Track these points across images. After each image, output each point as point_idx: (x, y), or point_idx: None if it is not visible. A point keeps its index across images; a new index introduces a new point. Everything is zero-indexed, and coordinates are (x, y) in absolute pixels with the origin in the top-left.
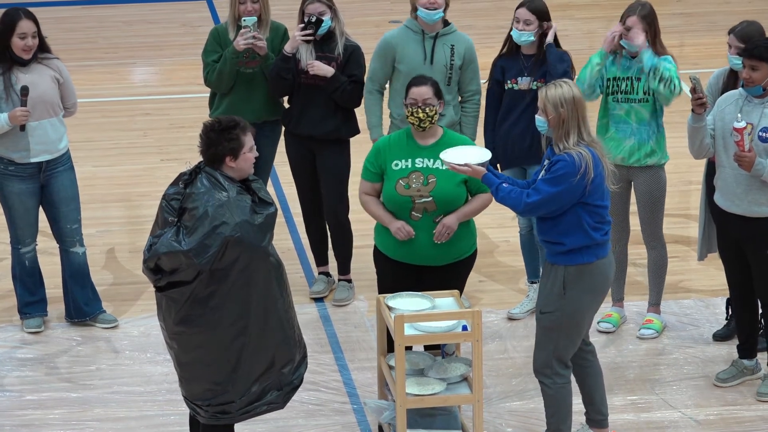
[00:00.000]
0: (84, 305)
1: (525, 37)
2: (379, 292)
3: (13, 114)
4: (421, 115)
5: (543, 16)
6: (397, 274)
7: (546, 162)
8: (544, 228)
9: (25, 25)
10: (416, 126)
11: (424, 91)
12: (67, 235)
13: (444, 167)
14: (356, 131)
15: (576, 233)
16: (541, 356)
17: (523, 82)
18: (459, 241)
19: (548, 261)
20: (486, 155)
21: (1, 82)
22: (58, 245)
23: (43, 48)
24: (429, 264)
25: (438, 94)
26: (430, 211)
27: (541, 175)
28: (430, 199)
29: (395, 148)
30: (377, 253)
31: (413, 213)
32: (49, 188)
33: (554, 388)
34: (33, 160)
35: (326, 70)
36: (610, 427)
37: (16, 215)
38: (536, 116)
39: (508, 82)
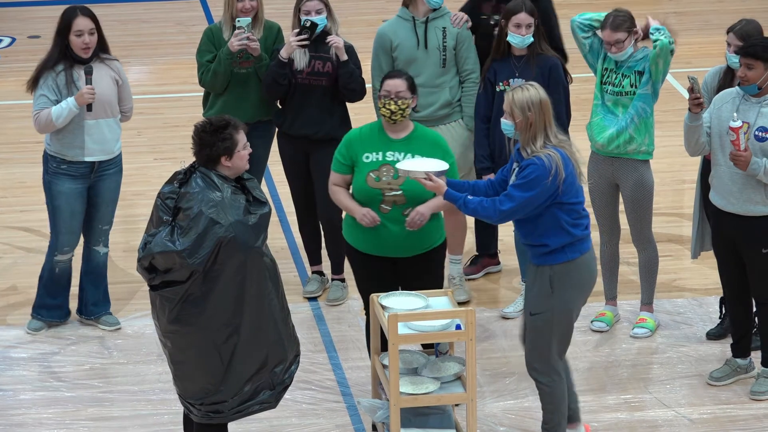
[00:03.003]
0: (92, 305)
1: (528, 40)
2: (358, 289)
3: (80, 94)
4: (392, 107)
5: (536, 14)
6: (370, 267)
7: (515, 166)
8: (524, 232)
9: (81, 23)
10: (387, 118)
11: (397, 84)
12: (95, 234)
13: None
14: None
15: (557, 233)
16: (535, 356)
17: (515, 84)
18: (429, 231)
19: (534, 263)
20: (443, 166)
21: (63, 78)
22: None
23: (103, 48)
24: (400, 255)
25: (412, 88)
26: (399, 204)
27: (512, 180)
28: (400, 192)
29: (366, 141)
30: (349, 249)
31: (382, 206)
32: (95, 189)
33: (551, 386)
34: (87, 158)
35: (342, 50)
36: (582, 421)
37: (61, 218)
38: (502, 119)
39: (500, 84)
